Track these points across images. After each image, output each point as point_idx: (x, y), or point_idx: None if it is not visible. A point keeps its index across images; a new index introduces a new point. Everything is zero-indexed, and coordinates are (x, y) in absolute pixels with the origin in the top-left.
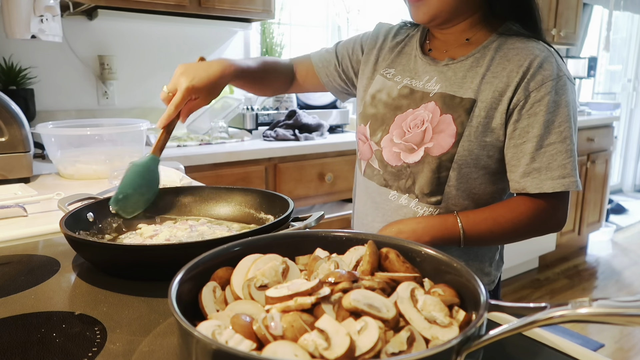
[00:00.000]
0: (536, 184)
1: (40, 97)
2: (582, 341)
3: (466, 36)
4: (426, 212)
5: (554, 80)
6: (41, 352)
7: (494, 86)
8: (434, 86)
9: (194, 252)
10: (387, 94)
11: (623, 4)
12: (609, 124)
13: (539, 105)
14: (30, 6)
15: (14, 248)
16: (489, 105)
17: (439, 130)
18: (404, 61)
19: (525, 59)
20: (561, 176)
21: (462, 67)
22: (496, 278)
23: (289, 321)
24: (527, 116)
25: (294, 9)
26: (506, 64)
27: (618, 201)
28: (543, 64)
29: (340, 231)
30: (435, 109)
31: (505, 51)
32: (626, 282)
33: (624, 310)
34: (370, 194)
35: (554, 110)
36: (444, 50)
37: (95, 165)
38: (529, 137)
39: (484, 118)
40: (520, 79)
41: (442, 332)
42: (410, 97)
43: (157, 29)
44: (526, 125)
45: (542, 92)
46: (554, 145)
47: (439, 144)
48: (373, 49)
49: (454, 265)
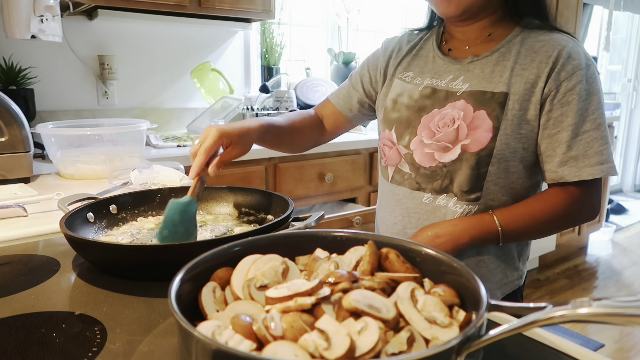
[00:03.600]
0: (574, 172)
1: (40, 97)
2: (582, 341)
3: (487, 32)
4: (465, 210)
5: (583, 69)
6: (41, 352)
7: (524, 78)
8: (461, 85)
9: (194, 252)
10: (408, 96)
11: (623, 4)
12: (609, 124)
13: (571, 94)
14: (30, 6)
15: (14, 248)
16: (522, 97)
17: (474, 127)
18: (422, 63)
19: (554, 49)
20: (599, 162)
21: (488, 62)
22: (524, 274)
23: (289, 321)
24: (559, 105)
25: (294, 9)
26: (534, 55)
27: (618, 201)
28: (571, 54)
29: (340, 231)
30: (467, 106)
31: (531, 44)
32: (626, 282)
33: (624, 310)
34: (400, 201)
35: (586, 98)
36: (465, 48)
37: (95, 165)
38: (563, 126)
39: (518, 110)
40: (550, 69)
41: (442, 333)
42: (433, 97)
43: (157, 29)
44: (560, 115)
45: (573, 81)
46: (589, 133)
47: (477, 140)
48: (387, 61)
49: (454, 265)
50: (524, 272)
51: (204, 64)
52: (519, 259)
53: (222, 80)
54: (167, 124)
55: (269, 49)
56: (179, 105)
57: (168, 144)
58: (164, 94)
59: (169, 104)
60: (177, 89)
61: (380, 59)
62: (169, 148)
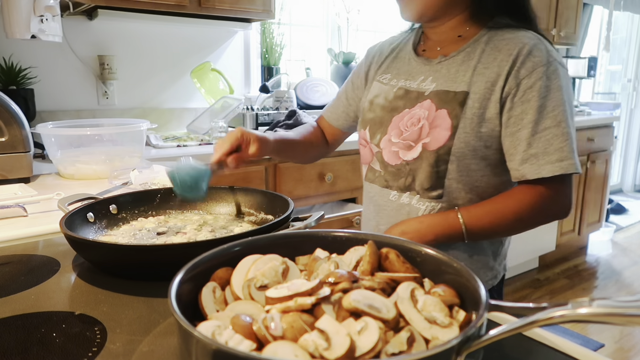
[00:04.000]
0: (534, 169)
1: (40, 97)
2: (582, 341)
3: (458, 33)
4: (428, 208)
5: (544, 66)
6: (41, 352)
7: (485, 77)
8: (429, 85)
9: (194, 252)
10: (384, 97)
11: (623, 4)
12: (609, 124)
13: (530, 91)
14: (30, 6)
15: (14, 248)
16: (482, 96)
17: (435, 125)
18: (399, 65)
19: (515, 47)
20: (559, 159)
21: (454, 62)
22: (499, 274)
23: (289, 321)
24: (519, 103)
25: (294, 9)
26: (497, 54)
27: (618, 201)
28: (532, 51)
29: (340, 231)
30: (431, 105)
31: (496, 42)
32: (626, 282)
33: (624, 310)
34: (372, 198)
35: (546, 95)
36: (437, 48)
37: (95, 165)
38: (523, 124)
39: (478, 109)
40: (510, 67)
41: (442, 333)
42: (405, 97)
43: (157, 29)
44: (520, 113)
45: (533, 79)
46: (549, 130)
47: (436, 138)
48: (368, 66)
49: (454, 265)
50: (500, 271)
51: (204, 64)
52: (494, 258)
53: (222, 80)
54: (167, 124)
55: (269, 49)
56: (179, 105)
57: (168, 144)
58: (164, 94)
59: (169, 104)
60: (177, 89)
61: (363, 67)
62: (169, 148)
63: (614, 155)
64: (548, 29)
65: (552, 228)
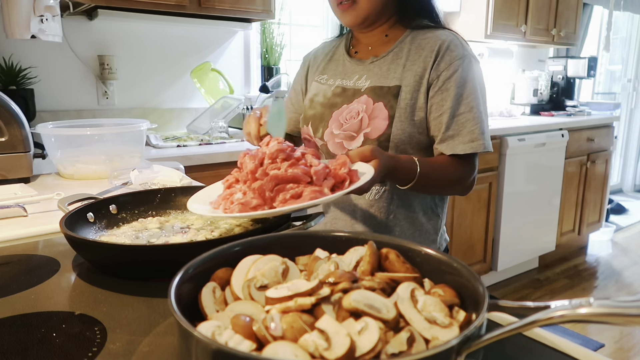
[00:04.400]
0: (450, 148)
1: (40, 97)
2: (582, 341)
3: (385, 34)
4: (374, 192)
5: (460, 59)
6: (41, 352)
7: (413, 72)
8: (364, 82)
9: (194, 252)
10: (322, 96)
11: (623, 4)
12: (609, 124)
13: (449, 81)
14: (30, 6)
15: (14, 248)
16: (413, 88)
17: (374, 117)
18: (334, 66)
19: (435, 44)
20: (470, 140)
21: (385, 62)
22: (442, 246)
23: (289, 322)
24: (440, 92)
25: (294, 9)
26: (421, 51)
27: (618, 201)
28: (450, 46)
29: (340, 231)
30: (368, 100)
31: (419, 41)
32: (626, 282)
33: (624, 310)
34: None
35: (462, 84)
36: (368, 49)
37: (95, 165)
38: (443, 110)
39: (410, 100)
40: (433, 61)
41: (442, 333)
42: (342, 94)
43: (157, 29)
44: (440, 100)
45: (451, 70)
46: (463, 115)
47: (376, 128)
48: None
49: (454, 265)
50: (442, 243)
51: (204, 64)
52: (435, 232)
53: (222, 80)
54: (167, 124)
55: (269, 49)
56: (179, 105)
57: (168, 144)
58: (164, 94)
59: (169, 104)
60: (177, 89)
61: (302, 72)
62: (169, 148)
63: (614, 155)
64: (548, 29)
65: (552, 228)
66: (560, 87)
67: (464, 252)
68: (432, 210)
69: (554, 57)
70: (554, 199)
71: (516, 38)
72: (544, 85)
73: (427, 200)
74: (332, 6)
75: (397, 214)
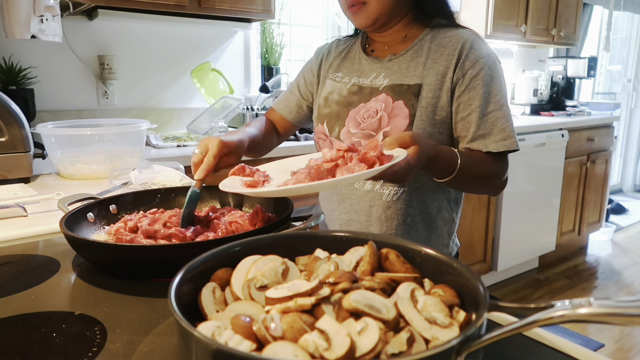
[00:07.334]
0: (483, 146)
1: (40, 97)
2: (582, 341)
3: (403, 34)
4: (391, 192)
5: (484, 57)
6: (41, 352)
7: (435, 70)
8: (382, 81)
9: (194, 253)
10: (338, 94)
11: (623, 4)
12: (609, 124)
13: (475, 80)
14: (30, 6)
15: (14, 248)
16: (435, 87)
17: (393, 115)
18: (349, 64)
19: (458, 42)
20: (502, 138)
21: (404, 59)
22: (454, 250)
23: (288, 322)
24: (467, 91)
25: (294, 9)
26: (442, 50)
27: (618, 201)
28: (474, 45)
29: (340, 231)
30: (387, 98)
31: (440, 40)
32: (626, 282)
33: (624, 310)
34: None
35: (490, 82)
36: (385, 48)
37: (95, 165)
38: (472, 109)
39: (431, 99)
40: (457, 60)
41: (443, 333)
42: (359, 93)
43: (157, 29)
44: (468, 99)
45: (477, 69)
46: (493, 113)
47: (396, 127)
48: (319, 64)
49: (454, 266)
50: (454, 248)
51: (204, 64)
52: (448, 236)
53: (222, 80)
54: (167, 124)
55: (269, 49)
56: (179, 105)
57: (168, 144)
58: (164, 94)
59: (169, 104)
60: (177, 89)
61: (314, 64)
62: (169, 148)
63: (614, 155)
64: (548, 29)
65: (552, 228)
66: (560, 87)
67: (464, 252)
68: (449, 214)
69: (554, 57)
70: (553, 199)
71: (516, 38)
72: (544, 85)
73: (444, 203)
74: (342, 8)
75: (414, 216)
